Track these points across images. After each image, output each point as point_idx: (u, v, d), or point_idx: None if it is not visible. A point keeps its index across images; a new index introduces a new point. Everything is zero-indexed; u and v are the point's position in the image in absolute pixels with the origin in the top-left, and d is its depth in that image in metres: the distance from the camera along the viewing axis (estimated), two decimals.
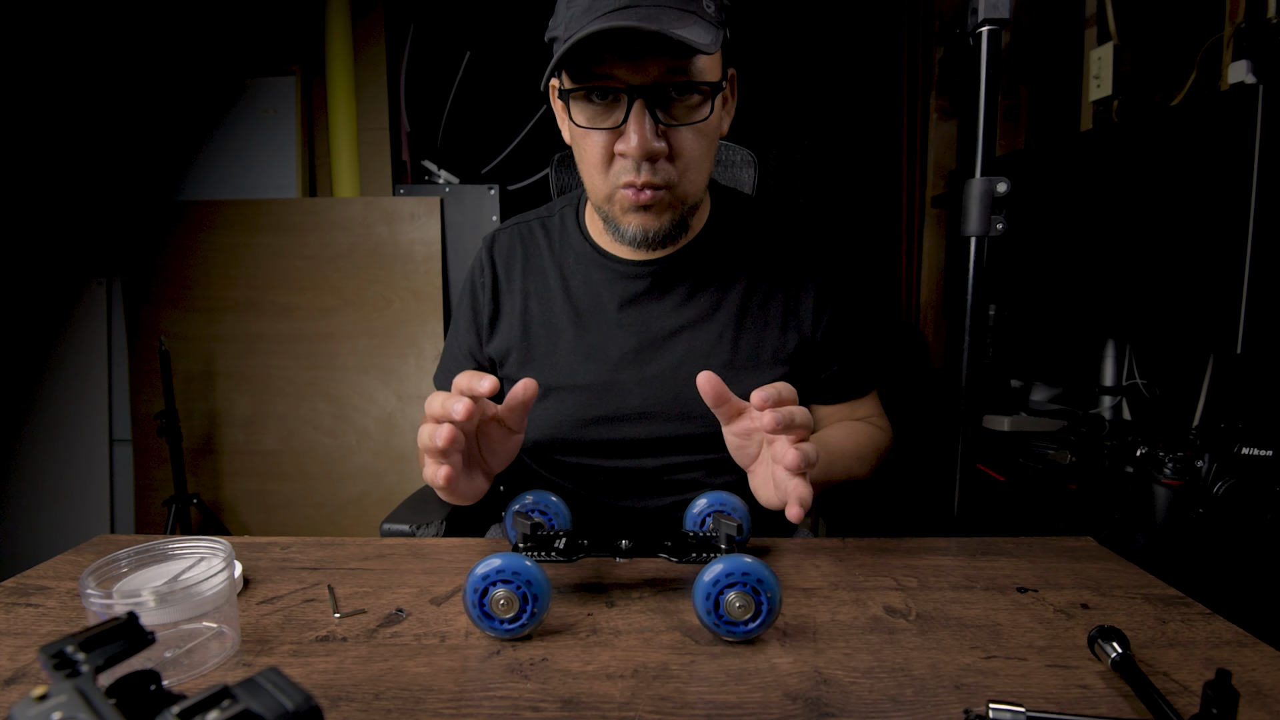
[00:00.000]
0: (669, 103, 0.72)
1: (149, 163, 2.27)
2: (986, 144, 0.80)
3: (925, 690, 0.49)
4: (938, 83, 2.23)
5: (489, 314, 0.91)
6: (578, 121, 0.74)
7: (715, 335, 0.85)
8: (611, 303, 0.87)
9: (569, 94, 0.73)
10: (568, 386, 0.86)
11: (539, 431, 0.87)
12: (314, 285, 2.09)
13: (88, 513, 2.27)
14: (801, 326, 0.87)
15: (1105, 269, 1.42)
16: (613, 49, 0.68)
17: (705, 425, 0.83)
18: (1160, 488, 1.09)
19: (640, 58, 0.69)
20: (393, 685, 0.49)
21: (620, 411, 0.85)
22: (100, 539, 0.76)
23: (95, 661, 0.31)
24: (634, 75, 0.69)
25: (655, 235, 0.79)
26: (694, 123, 0.73)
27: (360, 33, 2.20)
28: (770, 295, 0.87)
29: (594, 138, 0.74)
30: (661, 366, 0.85)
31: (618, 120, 0.72)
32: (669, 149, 0.73)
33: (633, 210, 0.77)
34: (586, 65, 0.70)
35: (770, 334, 0.86)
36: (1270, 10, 1.21)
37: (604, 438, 0.85)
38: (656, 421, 0.84)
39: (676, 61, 0.69)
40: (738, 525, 0.62)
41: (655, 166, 0.73)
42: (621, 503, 0.88)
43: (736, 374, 0.84)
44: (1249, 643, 0.55)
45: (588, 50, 0.68)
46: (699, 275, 0.87)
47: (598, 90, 0.71)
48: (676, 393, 0.84)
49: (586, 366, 0.86)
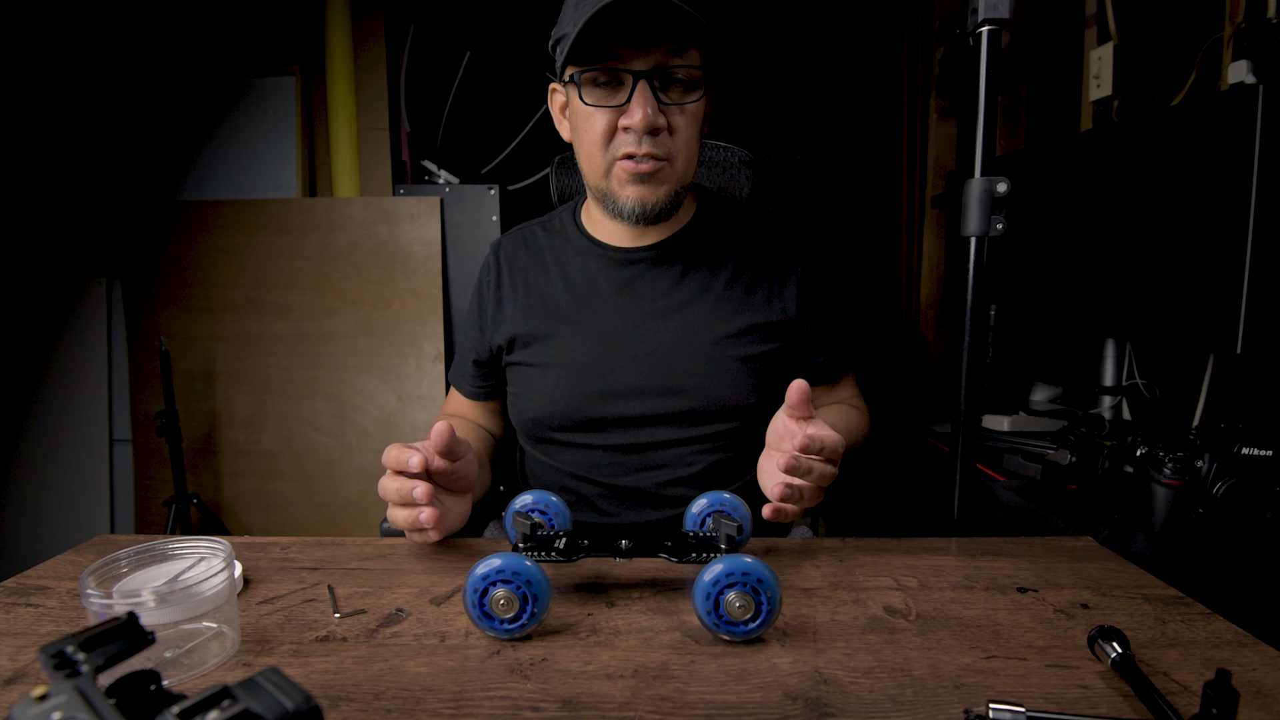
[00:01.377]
0: (668, 84, 0.81)
1: (149, 163, 2.27)
2: (986, 144, 0.80)
3: (925, 690, 0.49)
4: (938, 83, 2.23)
5: (493, 306, 0.98)
6: (586, 101, 0.82)
7: (706, 314, 0.90)
8: (608, 287, 0.93)
9: (580, 75, 0.81)
10: (565, 364, 0.90)
11: (538, 409, 0.92)
12: (314, 285, 2.09)
13: (88, 513, 2.27)
14: (786, 309, 0.93)
15: (1105, 269, 1.42)
16: (622, 36, 0.77)
17: (696, 400, 0.88)
18: (1160, 488, 1.08)
19: (645, 44, 0.78)
20: (393, 685, 0.49)
21: (615, 388, 0.89)
22: (100, 539, 0.76)
23: (95, 661, 0.31)
24: (639, 59, 0.79)
25: (652, 208, 0.85)
26: (687, 103, 0.82)
27: (360, 33, 2.20)
28: (756, 280, 0.93)
29: (598, 116, 0.82)
30: (655, 344, 0.89)
31: (622, 100, 0.80)
32: (667, 124, 0.82)
33: (631, 182, 0.84)
34: (596, 51, 0.79)
35: (757, 312, 0.91)
36: (1270, 10, 1.21)
37: (599, 414, 0.89)
38: (650, 397, 0.89)
39: (675, 47, 0.79)
40: (738, 525, 0.62)
41: (655, 139, 0.81)
42: (618, 480, 0.91)
43: (726, 349, 0.89)
44: (1249, 643, 0.55)
45: (600, 35, 0.77)
46: (689, 260, 0.93)
47: (606, 72, 0.80)
48: (669, 368, 0.89)
49: (583, 346, 0.90)
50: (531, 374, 0.93)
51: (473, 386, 1.02)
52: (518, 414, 0.96)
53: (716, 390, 0.88)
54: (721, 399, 0.88)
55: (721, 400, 0.88)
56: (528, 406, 0.93)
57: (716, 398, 0.88)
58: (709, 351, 0.89)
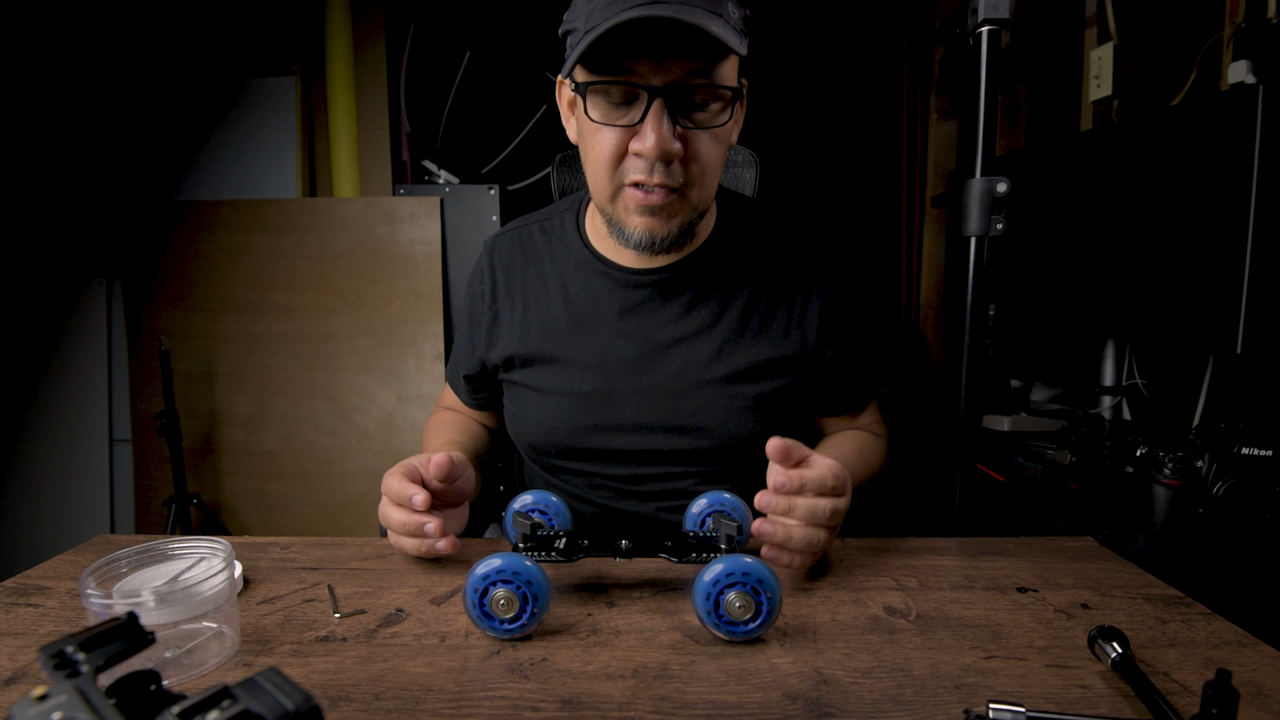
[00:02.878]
0: (689, 105, 0.70)
1: (149, 163, 2.27)
2: (986, 144, 0.80)
3: (925, 690, 0.49)
4: (938, 83, 2.23)
5: (487, 321, 0.90)
6: (592, 116, 0.71)
7: (715, 347, 0.83)
8: (611, 311, 0.85)
9: (586, 87, 0.70)
10: (566, 393, 0.85)
11: (535, 434, 0.87)
12: (314, 285, 2.09)
13: (88, 513, 2.27)
14: (805, 338, 0.85)
15: (1105, 269, 1.42)
16: (640, 46, 0.67)
17: (701, 439, 0.82)
18: (1160, 488, 1.09)
19: (665, 57, 0.67)
20: (393, 685, 0.49)
21: (617, 421, 0.83)
22: (100, 539, 0.76)
23: (95, 661, 0.31)
24: (657, 74, 0.68)
25: (662, 240, 0.76)
26: (712, 127, 0.72)
27: (360, 33, 2.20)
28: (774, 306, 0.85)
29: (606, 134, 0.71)
30: (659, 377, 0.83)
31: (634, 118, 0.70)
32: (684, 152, 0.71)
33: (639, 212, 0.74)
34: (609, 59, 0.68)
35: (771, 345, 0.84)
36: (1270, 10, 1.21)
37: (600, 446, 0.85)
38: (652, 433, 0.83)
39: (700, 64, 0.68)
40: (738, 525, 0.62)
41: (669, 169, 0.71)
42: (615, 504, 0.88)
43: (735, 387, 0.83)
44: (1249, 643, 0.55)
45: (614, 44, 0.66)
46: (701, 286, 0.84)
47: (618, 86, 0.69)
48: (673, 404, 0.82)
49: (585, 374, 0.84)
50: (530, 397, 0.87)
51: (469, 397, 0.98)
52: (517, 434, 0.91)
53: (723, 429, 0.82)
54: (728, 438, 0.82)
55: (728, 439, 0.82)
56: (526, 430, 0.88)
57: (722, 436, 0.82)
58: (717, 389, 0.82)
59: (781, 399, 0.84)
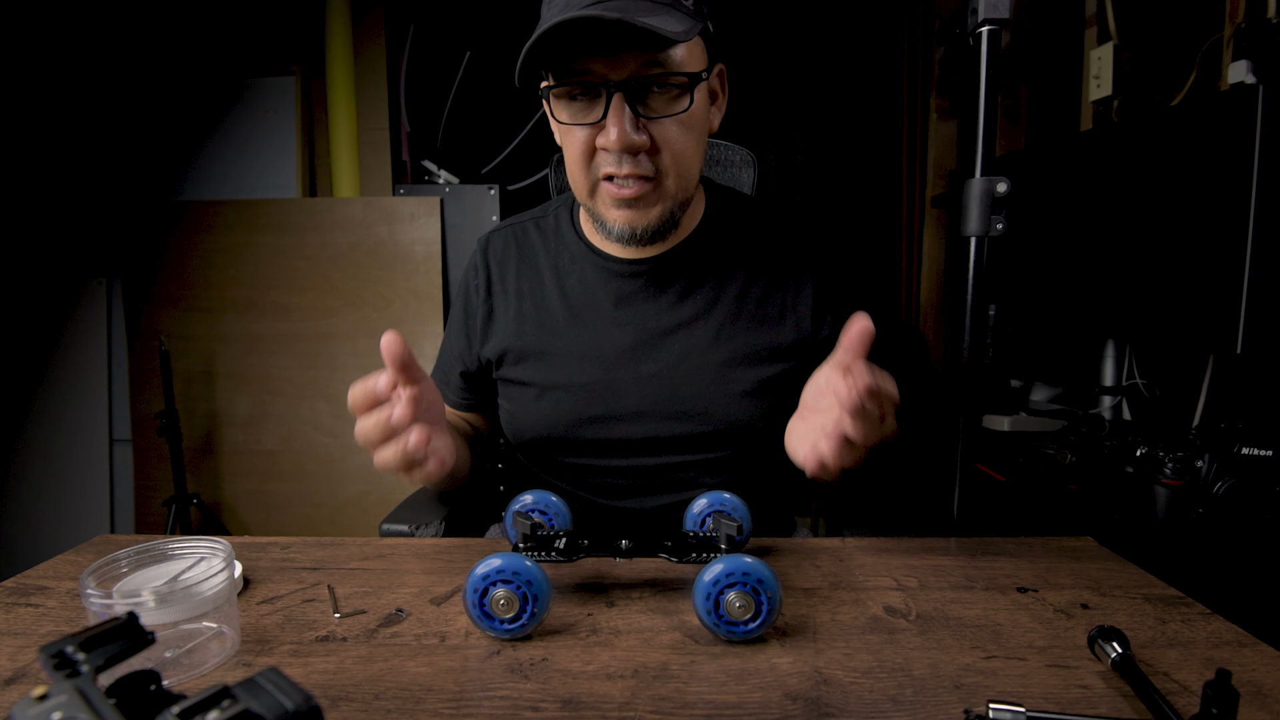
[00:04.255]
0: (648, 95, 0.72)
1: (149, 163, 2.27)
2: (986, 144, 0.79)
3: (925, 690, 0.49)
4: (938, 83, 2.23)
5: (482, 315, 0.91)
6: (560, 118, 0.75)
7: (713, 332, 0.84)
8: (607, 301, 0.86)
9: (550, 91, 0.74)
10: (564, 386, 0.85)
11: (535, 431, 0.87)
12: (314, 285, 2.09)
13: (88, 513, 2.27)
14: (800, 323, 0.86)
15: (1105, 269, 1.42)
16: (590, 45, 0.69)
17: (702, 424, 0.83)
18: (1160, 488, 1.09)
19: (616, 52, 0.69)
20: (393, 685, 0.49)
21: (617, 411, 0.84)
22: (100, 539, 0.76)
23: (95, 661, 0.31)
24: (611, 70, 0.70)
25: (643, 232, 0.78)
26: (674, 114, 0.73)
27: (360, 33, 2.20)
28: (768, 292, 0.86)
29: (576, 133, 0.74)
30: (658, 365, 0.84)
31: (598, 115, 0.72)
32: (651, 142, 0.73)
33: (616, 205, 0.76)
34: (565, 62, 0.71)
35: (768, 331, 0.85)
36: (1270, 10, 1.21)
37: (601, 437, 0.85)
38: (653, 420, 0.84)
39: (651, 54, 0.70)
40: (738, 525, 0.62)
41: (637, 160, 0.73)
42: (619, 502, 0.88)
43: (735, 371, 0.83)
44: (1249, 643, 0.55)
45: (564, 47, 0.69)
46: (694, 272, 0.86)
47: (578, 86, 0.72)
48: (673, 391, 0.83)
49: (583, 366, 0.85)
50: (527, 393, 0.87)
51: (458, 397, 0.96)
52: (513, 433, 0.90)
53: (723, 414, 0.83)
54: (728, 423, 0.83)
55: (729, 424, 0.83)
56: (524, 428, 0.87)
57: (723, 421, 0.83)
58: (715, 374, 0.83)
59: (782, 384, 0.84)
